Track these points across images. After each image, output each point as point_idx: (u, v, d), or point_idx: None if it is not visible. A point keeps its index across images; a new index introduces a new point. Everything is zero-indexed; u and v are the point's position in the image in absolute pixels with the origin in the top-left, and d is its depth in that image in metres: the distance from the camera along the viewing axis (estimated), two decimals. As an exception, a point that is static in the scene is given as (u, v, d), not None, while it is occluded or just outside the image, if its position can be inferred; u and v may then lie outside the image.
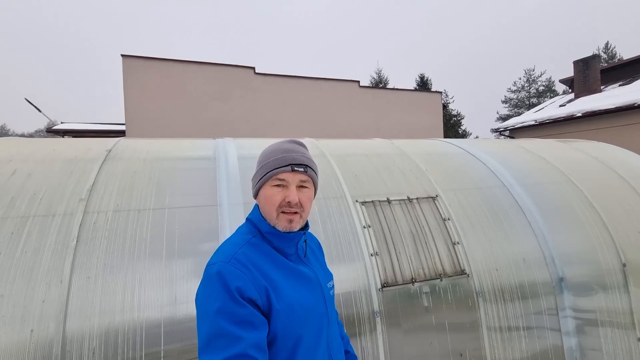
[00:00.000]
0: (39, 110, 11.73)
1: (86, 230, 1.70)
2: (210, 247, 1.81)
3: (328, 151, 2.65)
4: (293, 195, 0.95)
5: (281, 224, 0.96)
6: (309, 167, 0.99)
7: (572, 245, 2.39)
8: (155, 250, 1.72)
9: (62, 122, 12.57)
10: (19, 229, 1.64)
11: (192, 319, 1.58)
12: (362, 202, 2.20)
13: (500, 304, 2.09)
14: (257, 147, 2.63)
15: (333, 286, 1.14)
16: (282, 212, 0.96)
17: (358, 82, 10.45)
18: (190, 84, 8.69)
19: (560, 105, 12.18)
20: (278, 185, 0.96)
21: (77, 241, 1.65)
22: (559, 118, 10.59)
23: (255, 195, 1.03)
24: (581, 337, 2.19)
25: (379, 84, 28.99)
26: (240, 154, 2.44)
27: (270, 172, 0.96)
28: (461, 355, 1.96)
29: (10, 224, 1.65)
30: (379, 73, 30.13)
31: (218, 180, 2.13)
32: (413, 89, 21.43)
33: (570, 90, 14.57)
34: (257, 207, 1.04)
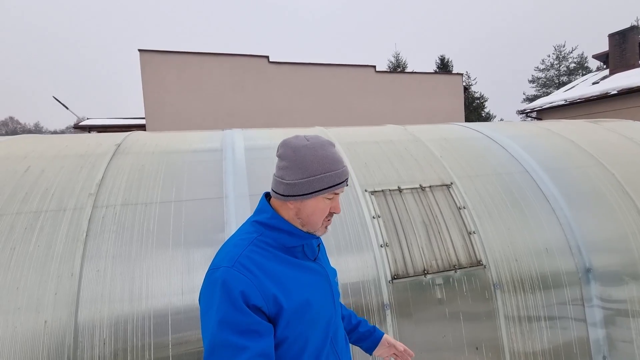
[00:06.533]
0: (67, 108, 12.22)
1: (95, 224, 1.73)
2: (216, 239, 1.81)
3: (338, 139, 2.57)
4: (339, 206, 0.99)
5: (321, 231, 1.00)
6: None
7: (601, 233, 2.23)
8: (162, 243, 1.73)
9: (87, 118, 13.06)
10: (32, 223, 1.69)
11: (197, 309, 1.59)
12: (371, 192, 2.13)
13: (520, 296, 1.98)
14: (264, 137, 2.59)
15: (337, 282, 1.13)
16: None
17: (374, 67, 10.15)
18: (206, 76, 8.75)
19: (594, 83, 11.38)
20: (330, 198, 0.97)
21: (86, 235, 1.68)
22: (591, 97, 9.90)
23: (293, 199, 0.93)
24: (610, 329, 2.06)
25: (397, 68, 28.13)
26: (247, 145, 2.41)
27: (332, 187, 0.92)
28: (477, 348, 1.88)
29: (24, 219, 1.70)
30: (396, 57, 29.22)
31: (224, 173, 2.11)
32: (433, 71, 20.70)
33: (604, 67, 13.56)
34: (270, 209, 0.97)
